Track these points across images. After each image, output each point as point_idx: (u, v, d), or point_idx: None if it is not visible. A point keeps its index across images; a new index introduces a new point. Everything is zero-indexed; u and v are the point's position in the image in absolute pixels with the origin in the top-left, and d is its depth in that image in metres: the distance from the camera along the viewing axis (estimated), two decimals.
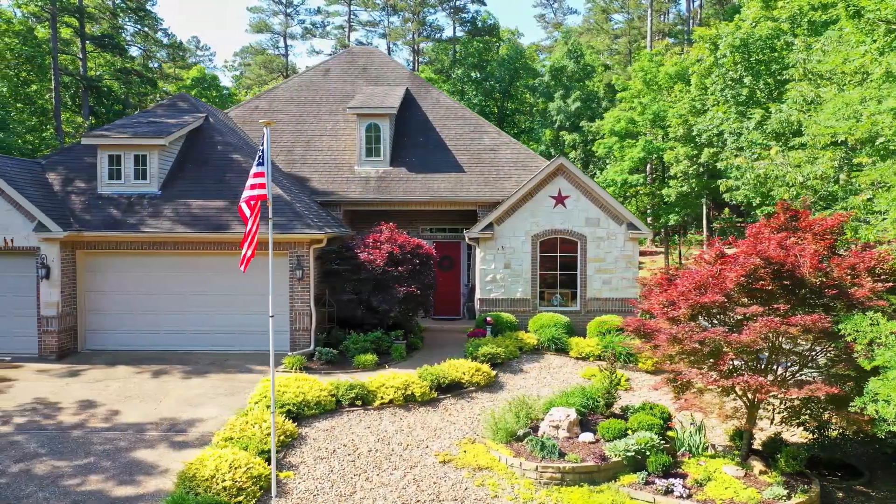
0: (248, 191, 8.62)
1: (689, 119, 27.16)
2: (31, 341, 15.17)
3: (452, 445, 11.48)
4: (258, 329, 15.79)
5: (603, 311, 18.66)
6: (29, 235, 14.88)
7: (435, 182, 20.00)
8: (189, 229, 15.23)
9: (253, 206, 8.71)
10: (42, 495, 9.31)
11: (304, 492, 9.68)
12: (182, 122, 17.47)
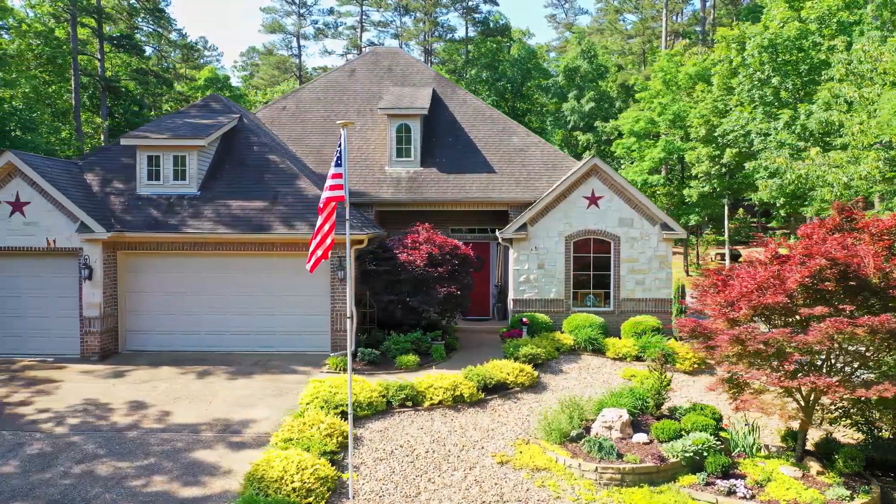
0: (327, 192, 8.61)
1: (713, 119, 27.14)
2: (72, 342, 15.17)
3: (507, 446, 11.49)
4: (298, 330, 15.83)
5: (636, 311, 18.67)
6: (72, 236, 14.87)
7: (466, 182, 20.00)
8: (230, 230, 15.23)
9: (329, 207, 8.70)
10: (109, 497, 9.31)
11: (370, 493, 9.68)
12: (218, 122, 17.48)
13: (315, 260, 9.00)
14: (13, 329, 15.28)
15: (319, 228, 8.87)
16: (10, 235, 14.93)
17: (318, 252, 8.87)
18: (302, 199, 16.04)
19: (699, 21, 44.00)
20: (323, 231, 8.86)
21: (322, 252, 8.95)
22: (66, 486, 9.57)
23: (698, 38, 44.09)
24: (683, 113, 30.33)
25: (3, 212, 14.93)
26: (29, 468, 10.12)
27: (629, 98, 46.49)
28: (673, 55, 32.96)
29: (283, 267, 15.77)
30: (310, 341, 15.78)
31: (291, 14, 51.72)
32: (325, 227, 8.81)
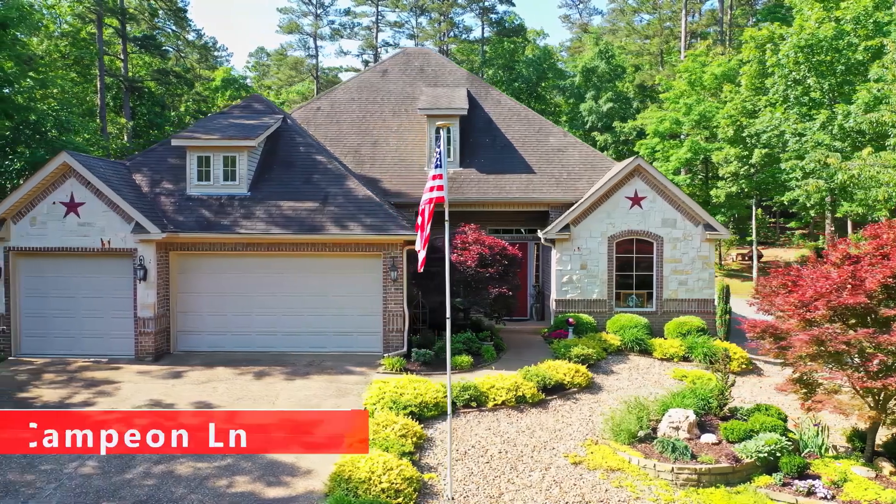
0: (428, 193, 8.63)
1: (742, 120, 27.16)
2: (126, 343, 15.17)
3: (577, 447, 11.49)
4: (350, 330, 15.83)
5: (679, 311, 18.68)
6: (126, 237, 14.88)
7: (507, 183, 20.01)
8: (284, 230, 15.23)
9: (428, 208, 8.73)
10: (196, 497, 9.33)
11: (456, 493, 9.69)
12: (264, 123, 17.49)
13: (421, 260, 9.07)
14: (66, 329, 15.28)
15: (422, 229, 8.89)
16: (65, 236, 14.93)
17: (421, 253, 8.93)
18: (353, 200, 16.05)
19: (717, 21, 44.03)
20: (426, 231, 8.89)
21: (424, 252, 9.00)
22: (150, 487, 9.59)
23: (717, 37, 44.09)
24: (709, 113, 30.34)
25: (58, 212, 14.94)
26: (108, 469, 10.13)
27: (646, 98, 46.54)
28: (697, 55, 32.97)
29: (334, 267, 15.78)
30: (361, 342, 15.79)
31: (308, 14, 51.72)
32: (427, 228, 8.85)
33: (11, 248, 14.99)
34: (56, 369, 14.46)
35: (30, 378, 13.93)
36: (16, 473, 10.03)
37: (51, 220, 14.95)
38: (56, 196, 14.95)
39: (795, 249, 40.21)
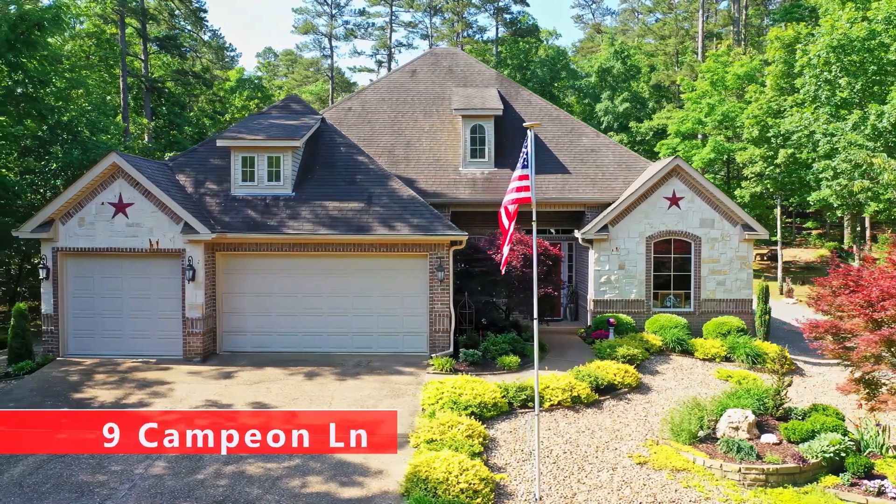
0: (513, 193, 8.64)
1: (767, 120, 27.17)
2: (173, 343, 15.17)
3: (638, 447, 11.50)
4: (396, 331, 15.84)
5: (717, 312, 18.69)
6: (175, 237, 14.88)
7: (542, 183, 20.01)
8: (331, 231, 15.23)
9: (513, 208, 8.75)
10: (272, 498, 9.34)
11: (527, 493, 9.70)
12: (304, 123, 17.50)
13: (503, 261, 9.06)
14: (113, 330, 15.29)
15: (505, 232, 8.89)
16: (114, 236, 14.94)
17: (504, 252, 8.91)
18: (397, 200, 16.05)
19: (733, 21, 44.02)
20: (508, 234, 8.89)
21: (507, 253, 8.98)
22: (224, 488, 9.60)
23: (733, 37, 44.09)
24: (732, 113, 30.34)
25: (107, 213, 14.94)
26: (178, 469, 10.15)
27: (662, 98, 46.54)
28: (719, 56, 32.97)
29: (380, 268, 15.78)
30: (407, 342, 15.79)
31: (323, 14, 51.70)
32: (510, 229, 8.85)
33: (59, 249, 15.00)
34: (106, 370, 14.47)
35: (82, 378, 13.94)
36: (87, 474, 10.05)
37: (99, 220, 14.95)
38: (104, 196, 14.95)
39: (813, 249, 40.19)
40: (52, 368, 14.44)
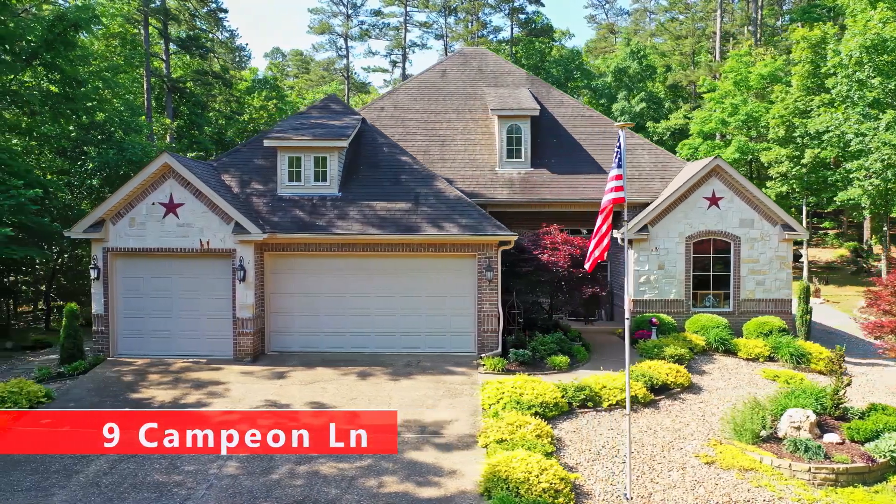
0: (611, 193, 8.66)
1: (794, 120, 27.19)
2: (223, 343, 15.18)
3: (702, 447, 11.52)
4: (443, 331, 15.85)
5: (756, 312, 18.70)
6: (225, 237, 14.90)
7: (579, 183, 20.03)
8: (381, 231, 15.24)
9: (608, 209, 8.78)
10: (351, 498, 9.34)
11: (605, 493, 9.72)
12: (348, 123, 17.51)
13: (592, 261, 9.08)
14: (163, 330, 15.30)
15: (598, 229, 8.92)
16: (164, 236, 14.96)
17: (595, 252, 8.94)
18: (444, 201, 16.06)
19: (750, 21, 44.05)
20: (601, 232, 8.92)
21: (599, 252, 9.01)
22: (301, 488, 9.61)
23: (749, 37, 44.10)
24: (756, 113, 30.35)
25: (157, 213, 14.96)
26: (251, 469, 10.16)
27: (678, 98, 46.55)
28: (741, 56, 32.99)
29: (427, 268, 15.79)
30: (454, 342, 15.81)
31: (338, 15, 51.76)
32: (604, 227, 8.87)
33: (110, 249, 15.02)
34: (158, 370, 14.49)
35: (136, 379, 13.95)
36: (161, 474, 10.06)
37: (150, 220, 14.97)
38: (155, 197, 14.97)
39: (832, 249, 40.20)
40: (104, 368, 14.46)
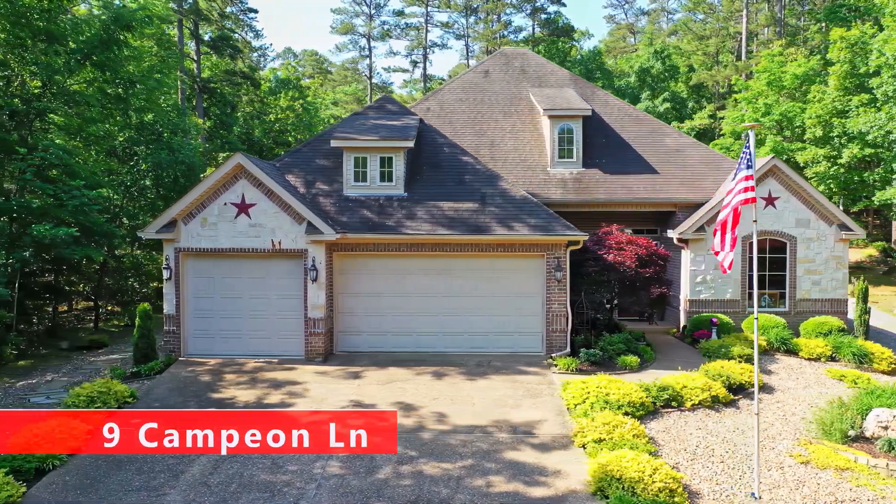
0: (741, 194, 8.69)
1: (833, 120, 27.21)
2: (293, 343, 15.21)
3: (793, 446, 11.54)
4: (510, 331, 15.88)
5: (812, 312, 18.72)
6: (297, 238, 14.92)
7: (632, 183, 20.05)
8: (450, 231, 15.26)
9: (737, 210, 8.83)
10: (464, 497, 9.35)
11: (714, 493, 9.74)
12: (407, 124, 17.54)
13: (730, 261, 9.20)
14: (232, 330, 15.33)
15: (725, 230, 8.96)
16: (236, 237, 14.98)
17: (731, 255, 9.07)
18: (510, 200, 16.09)
19: (775, 21, 44.08)
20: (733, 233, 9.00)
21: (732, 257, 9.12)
22: (410, 487, 9.62)
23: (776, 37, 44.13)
24: (790, 114, 30.37)
25: (229, 213, 14.98)
26: (355, 469, 10.17)
27: (702, 98, 46.56)
28: (773, 55, 33.01)
29: (494, 268, 15.82)
30: (521, 342, 15.83)
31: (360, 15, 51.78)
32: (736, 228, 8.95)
33: (181, 249, 15.04)
34: (232, 370, 14.51)
35: (213, 379, 13.98)
36: (266, 473, 10.08)
37: (221, 220, 15.00)
38: (227, 197, 14.99)
39: (859, 249, 40.19)
40: (178, 368, 14.48)
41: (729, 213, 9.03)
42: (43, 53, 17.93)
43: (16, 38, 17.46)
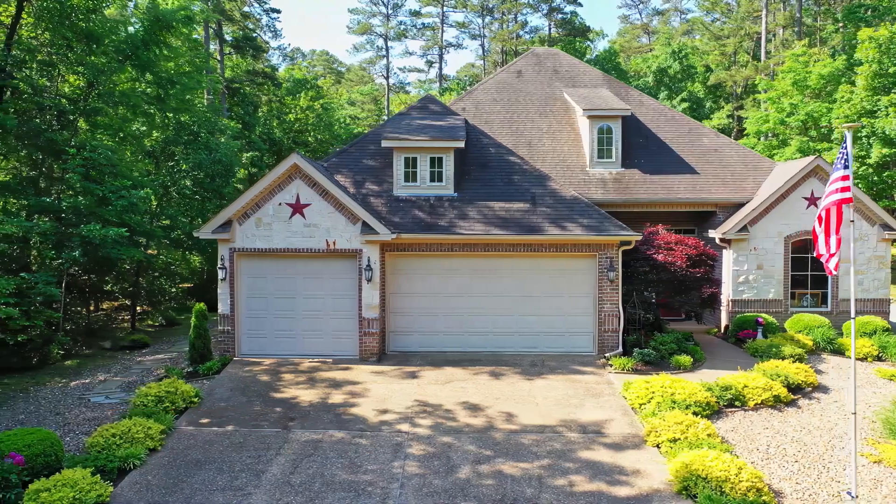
0: (837, 194, 8.74)
1: (862, 120, 27.25)
2: (347, 343, 15.24)
3: (862, 445, 11.55)
4: (562, 330, 15.91)
5: (856, 311, 18.72)
6: (352, 238, 14.95)
7: (672, 183, 20.07)
8: (504, 231, 15.29)
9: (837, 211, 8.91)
10: (549, 497, 9.37)
11: (796, 492, 9.76)
12: (453, 124, 17.57)
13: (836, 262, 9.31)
14: (286, 330, 15.36)
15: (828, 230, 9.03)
16: (291, 237, 15.01)
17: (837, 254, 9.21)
18: (560, 201, 16.12)
19: (794, 21, 44.12)
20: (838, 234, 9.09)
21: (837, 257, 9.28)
22: (495, 487, 9.64)
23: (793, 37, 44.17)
24: (816, 113, 30.41)
25: (284, 213, 15.02)
26: (435, 468, 10.18)
27: (719, 98, 46.58)
28: (798, 55, 33.06)
29: (546, 268, 15.85)
30: (572, 342, 15.86)
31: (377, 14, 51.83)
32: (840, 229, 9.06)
33: (236, 250, 15.07)
34: (288, 369, 14.54)
35: (272, 378, 14.00)
36: (346, 472, 10.09)
37: (276, 221, 15.03)
38: (282, 197, 15.02)
39: None
40: (235, 368, 14.51)
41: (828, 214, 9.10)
42: (87, 54, 17.95)
43: (62, 39, 17.48)
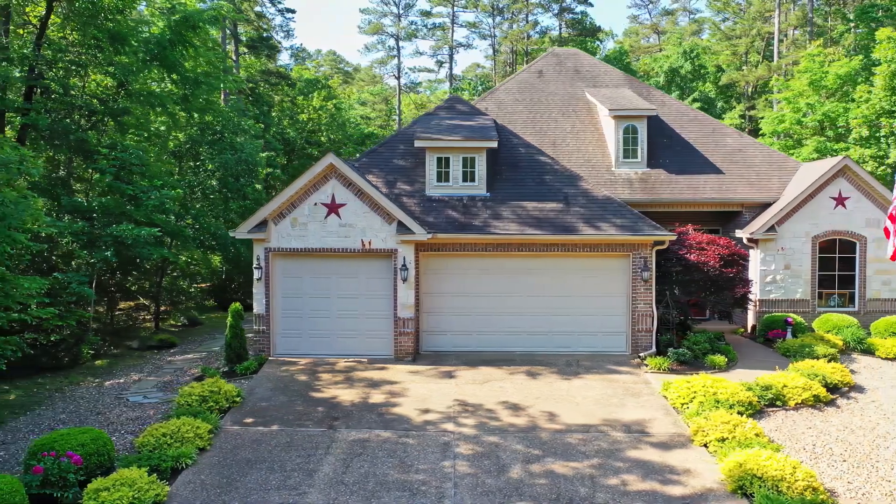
0: None
1: (882, 120, 27.25)
2: (382, 343, 15.27)
3: None
4: (595, 330, 15.94)
5: (883, 311, 18.78)
6: (387, 238, 14.98)
7: (698, 183, 20.09)
8: (538, 231, 15.32)
9: None
10: (605, 496, 9.39)
11: (849, 491, 9.78)
12: (483, 124, 17.60)
13: None
14: (321, 330, 15.40)
15: None
16: (326, 237, 15.05)
17: None
18: (593, 201, 16.15)
19: (807, 21, 44.13)
20: None
21: None
22: (548, 486, 9.65)
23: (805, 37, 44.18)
24: (834, 114, 30.39)
25: (319, 213, 15.04)
26: (486, 468, 10.20)
27: (730, 98, 46.59)
28: (813, 56, 33.05)
29: (579, 268, 15.87)
30: (605, 342, 15.89)
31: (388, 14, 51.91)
32: None
33: (271, 249, 15.10)
34: (325, 369, 14.57)
35: (310, 378, 14.03)
36: (398, 472, 10.11)
37: (312, 221, 15.06)
38: (317, 197, 15.06)
39: None
40: (272, 368, 14.54)
41: None
42: (116, 54, 17.99)
43: (92, 39, 17.52)
